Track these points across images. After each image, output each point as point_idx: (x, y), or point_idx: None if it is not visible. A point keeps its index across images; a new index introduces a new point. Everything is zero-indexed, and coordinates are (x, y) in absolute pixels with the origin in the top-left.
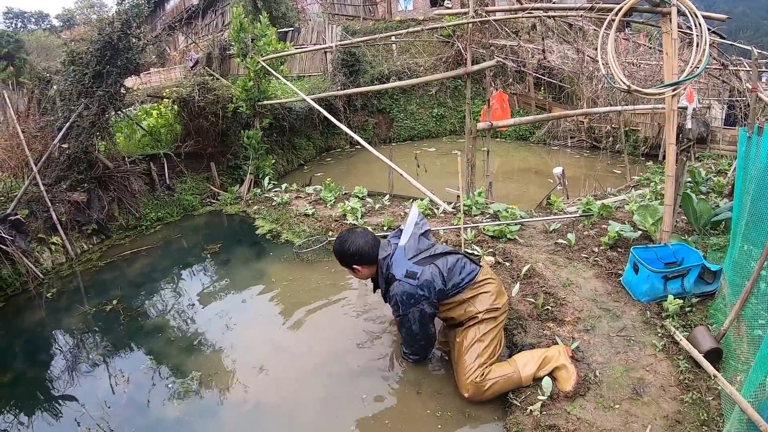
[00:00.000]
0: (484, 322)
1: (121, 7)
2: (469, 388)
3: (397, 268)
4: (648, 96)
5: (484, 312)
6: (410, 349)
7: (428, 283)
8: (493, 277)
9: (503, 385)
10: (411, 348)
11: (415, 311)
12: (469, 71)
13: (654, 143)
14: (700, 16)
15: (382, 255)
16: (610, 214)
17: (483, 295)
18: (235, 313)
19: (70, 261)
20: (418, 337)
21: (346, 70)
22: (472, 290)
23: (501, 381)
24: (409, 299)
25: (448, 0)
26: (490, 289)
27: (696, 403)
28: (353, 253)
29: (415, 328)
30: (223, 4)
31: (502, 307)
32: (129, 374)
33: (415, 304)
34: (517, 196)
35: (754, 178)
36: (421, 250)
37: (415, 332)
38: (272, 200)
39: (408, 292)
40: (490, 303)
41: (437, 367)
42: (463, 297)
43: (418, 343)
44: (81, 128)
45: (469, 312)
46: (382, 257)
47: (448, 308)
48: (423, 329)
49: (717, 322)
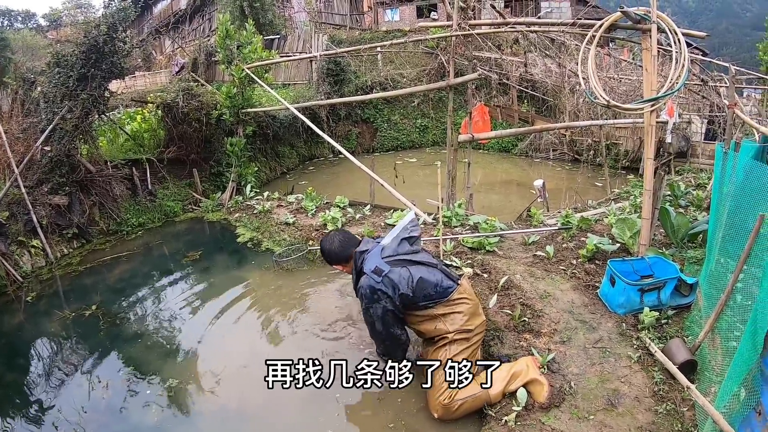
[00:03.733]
0: (456, 343)
1: (107, 11)
2: (438, 409)
3: (368, 263)
4: (627, 111)
5: (455, 332)
6: (379, 349)
7: (392, 283)
8: (470, 298)
9: (472, 404)
10: (379, 347)
11: (377, 307)
12: (451, 83)
13: (635, 157)
14: (679, 34)
15: (361, 249)
16: (589, 226)
17: (456, 315)
18: (214, 321)
19: (50, 265)
20: (382, 336)
21: (331, 80)
22: (445, 307)
23: (470, 400)
24: (372, 294)
25: (434, 12)
26: (464, 310)
27: (670, 414)
28: (325, 255)
29: (378, 326)
30: (211, 9)
31: (475, 329)
32: (107, 380)
33: (377, 300)
34: (498, 208)
35: (730, 193)
36: (399, 252)
37: (378, 330)
38: (254, 208)
39: (372, 286)
40: (461, 324)
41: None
42: (434, 312)
43: (383, 343)
44: (64, 131)
45: (440, 330)
46: (359, 251)
47: (419, 321)
48: (386, 329)
49: (693, 334)
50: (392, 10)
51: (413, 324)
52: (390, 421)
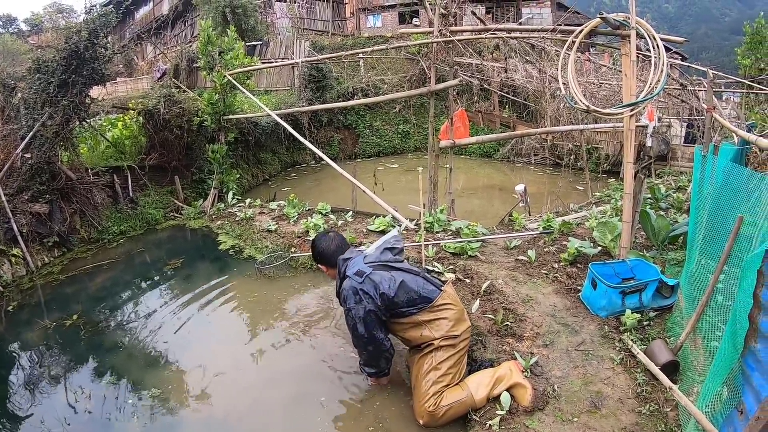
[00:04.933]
0: (441, 350)
1: (89, 16)
2: (424, 415)
3: (351, 268)
4: (606, 116)
5: (441, 339)
6: (362, 358)
7: (373, 283)
8: (454, 303)
9: (458, 410)
10: (362, 355)
11: (359, 308)
12: (432, 89)
13: (615, 160)
14: (658, 39)
15: (345, 257)
16: (571, 230)
17: (441, 321)
18: (196, 329)
19: (31, 274)
20: (364, 340)
21: (313, 86)
22: (429, 313)
23: (455, 406)
24: (354, 294)
25: (416, 18)
26: (449, 315)
27: (654, 414)
28: (318, 252)
29: (360, 329)
30: (193, 15)
31: (461, 334)
32: (89, 390)
33: (359, 301)
34: (481, 213)
35: (709, 195)
36: (381, 259)
37: (360, 333)
38: (236, 215)
39: (354, 287)
40: (447, 330)
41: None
42: (419, 319)
43: (365, 348)
44: (44, 138)
45: (426, 337)
46: (344, 258)
47: (404, 328)
48: (368, 331)
49: (674, 335)
50: (374, 16)
51: (399, 332)
52: (371, 425)
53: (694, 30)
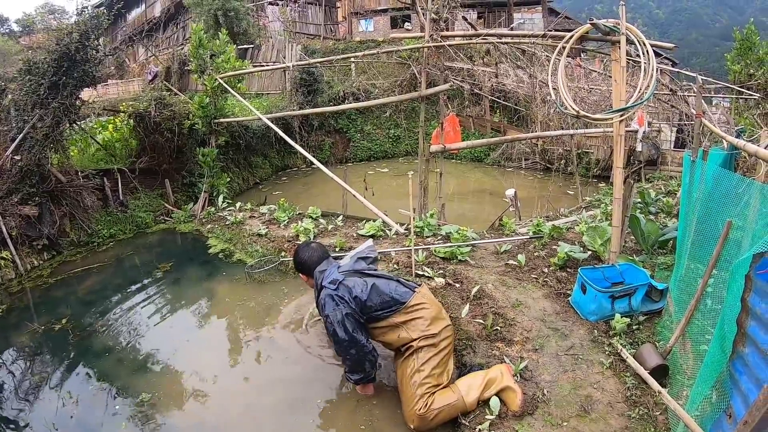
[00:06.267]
0: (422, 350)
1: (80, 18)
2: (415, 419)
3: (326, 279)
4: (596, 121)
5: (419, 339)
6: (346, 365)
7: (346, 288)
8: (429, 303)
9: (449, 413)
10: (346, 362)
11: (337, 313)
12: (424, 94)
13: (606, 165)
14: (648, 45)
15: (321, 269)
16: (561, 234)
17: (416, 321)
18: (186, 333)
19: (20, 277)
20: (345, 344)
21: (305, 90)
22: (404, 314)
23: (446, 409)
24: (331, 300)
25: (408, 22)
26: (424, 315)
27: (643, 418)
28: (298, 261)
29: (340, 333)
30: (185, 17)
31: (439, 333)
32: (78, 395)
33: (335, 307)
34: (471, 217)
35: (699, 200)
36: (354, 269)
37: (341, 338)
38: (226, 219)
39: (330, 294)
40: (423, 329)
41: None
42: (395, 321)
43: (347, 352)
44: (34, 140)
45: (403, 339)
46: (320, 270)
47: (382, 332)
48: (347, 334)
49: (664, 339)
50: (366, 21)
51: (378, 336)
52: (364, 428)
53: (684, 35)
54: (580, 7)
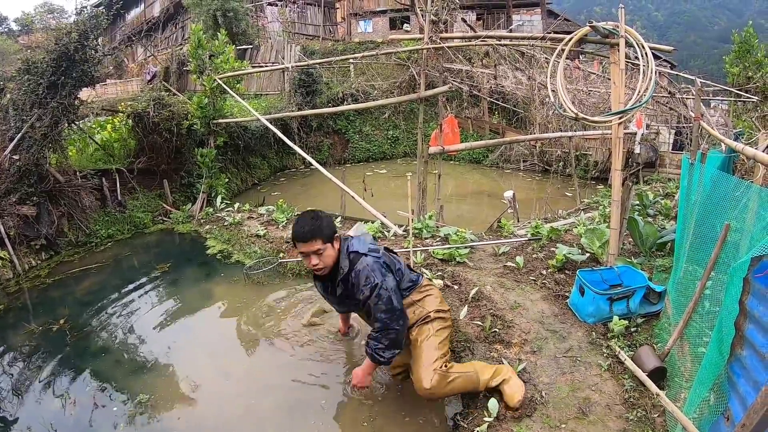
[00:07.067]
0: (437, 321)
1: (80, 17)
2: (434, 376)
3: (359, 246)
4: (595, 123)
5: (434, 312)
6: (388, 338)
7: (389, 259)
8: (434, 286)
9: (463, 384)
10: (389, 334)
11: (388, 280)
12: (422, 96)
13: (604, 167)
14: (647, 48)
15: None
16: (559, 236)
17: (429, 298)
18: (184, 334)
19: (18, 277)
20: (398, 313)
21: (303, 90)
22: (419, 293)
23: (463, 377)
24: (380, 268)
25: (407, 24)
26: (434, 293)
27: (641, 420)
28: (326, 224)
29: (396, 302)
30: (184, 18)
31: (447, 311)
32: (75, 396)
33: (385, 274)
34: (469, 219)
35: (697, 203)
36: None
37: (395, 306)
38: (224, 220)
39: (377, 261)
40: (437, 304)
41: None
42: (412, 299)
43: (397, 323)
44: (33, 140)
45: (419, 313)
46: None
47: None
48: (401, 304)
49: (662, 341)
50: (365, 22)
51: None
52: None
53: (683, 38)
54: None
